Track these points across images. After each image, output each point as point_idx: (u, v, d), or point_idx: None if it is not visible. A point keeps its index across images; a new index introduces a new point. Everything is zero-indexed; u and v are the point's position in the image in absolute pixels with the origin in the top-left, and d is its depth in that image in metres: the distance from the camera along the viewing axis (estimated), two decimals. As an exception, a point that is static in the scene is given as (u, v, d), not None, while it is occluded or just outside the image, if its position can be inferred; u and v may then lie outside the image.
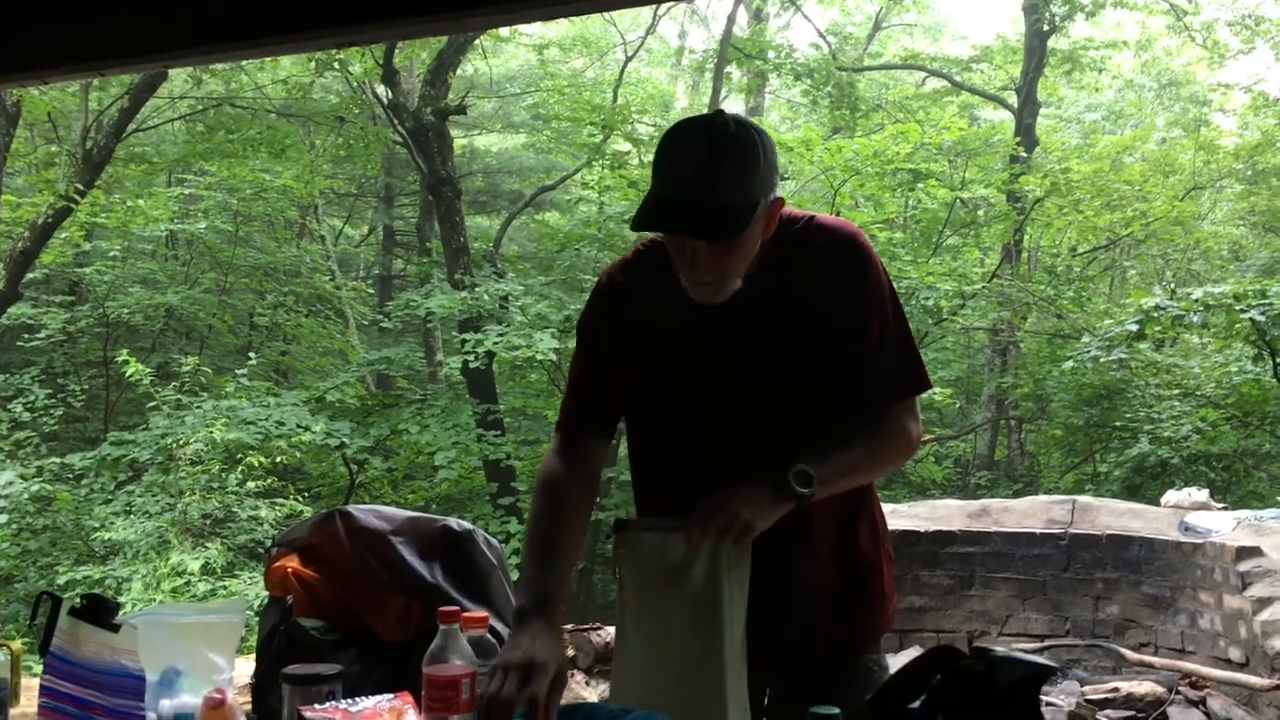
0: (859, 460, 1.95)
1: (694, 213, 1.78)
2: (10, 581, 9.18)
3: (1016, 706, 1.10)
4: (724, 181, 1.77)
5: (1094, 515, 5.69)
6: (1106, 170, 13.17)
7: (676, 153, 1.81)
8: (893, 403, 1.97)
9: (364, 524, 2.36)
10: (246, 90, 12.57)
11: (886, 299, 1.97)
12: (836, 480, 1.89)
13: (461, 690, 1.72)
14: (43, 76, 2.93)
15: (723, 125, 1.81)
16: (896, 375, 1.97)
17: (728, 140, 1.79)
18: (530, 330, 10.31)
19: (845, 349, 1.92)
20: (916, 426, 2.01)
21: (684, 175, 1.79)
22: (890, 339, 1.96)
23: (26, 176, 12.41)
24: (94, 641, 1.56)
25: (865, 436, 1.95)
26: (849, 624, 2.01)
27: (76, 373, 12.55)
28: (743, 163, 1.79)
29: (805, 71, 14.65)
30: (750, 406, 1.95)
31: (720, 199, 1.77)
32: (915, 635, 5.59)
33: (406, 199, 16.67)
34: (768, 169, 1.82)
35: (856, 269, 1.95)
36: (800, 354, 1.93)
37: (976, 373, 14.82)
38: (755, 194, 1.80)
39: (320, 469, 11.67)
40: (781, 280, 1.94)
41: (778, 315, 1.93)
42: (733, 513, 1.78)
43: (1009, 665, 1.10)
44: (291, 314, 14.00)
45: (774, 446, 1.88)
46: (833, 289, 1.93)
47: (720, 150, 1.78)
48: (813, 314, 1.93)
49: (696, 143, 1.80)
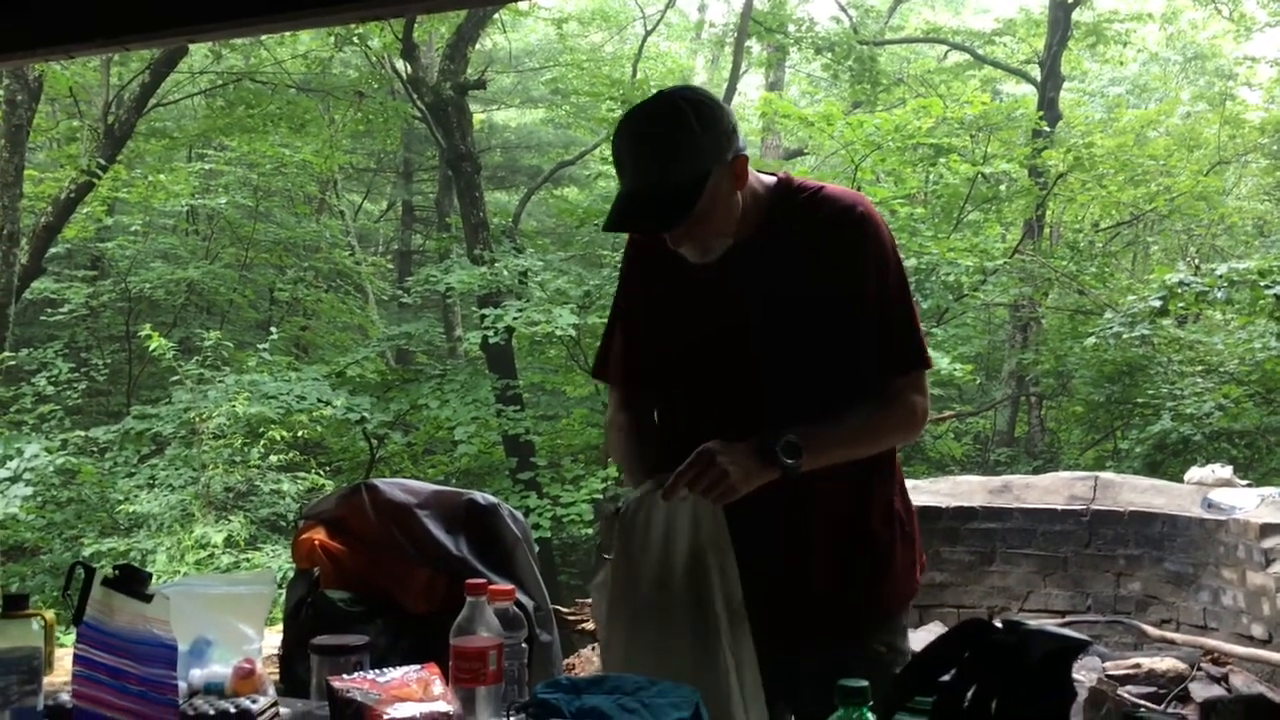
0: (855, 432, 1.94)
1: (644, 206, 1.85)
2: (36, 553, 9.29)
3: (1049, 680, 1.10)
4: (662, 167, 1.83)
5: (1116, 492, 5.67)
6: (1130, 145, 13.04)
7: (619, 149, 1.88)
8: (894, 376, 1.97)
9: (390, 497, 2.37)
10: (266, 65, 12.56)
11: (889, 270, 1.97)
12: (829, 451, 1.89)
13: (489, 661, 1.73)
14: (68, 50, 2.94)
15: (656, 112, 1.86)
16: (895, 348, 1.97)
17: (657, 127, 1.84)
18: (549, 306, 10.31)
19: (839, 316, 1.93)
20: (923, 400, 2.00)
21: (628, 168, 1.86)
22: (890, 310, 1.96)
23: (48, 151, 12.46)
24: (127, 611, 1.57)
25: (864, 408, 1.95)
26: (846, 596, 1.98)
27: (99, 347, 12.64)
28: (675, 142, 1.83)
29: (826, 45, 14.54)
30: (745, 369, 1.96)
31: (663, 185, 1.83)
32: (935, 611, 5.59)
33: (425, 174, 16.66)
34: (710, 136, 1.85)
35: (855, 237, 1.95)
36: (794, 319, 1.94)
37: (997, 349, 14.75)
38: (699, 167, 1.84)
39: (341, 443, 11.73)
40: (781, 246, 1.96)
41: (774, 280, 1.95)
42: (721, 470, 1.78)
43: (1041, 638, 1.09)
44: (311, 289, 14.06)
45: (770, 411, 1.89)
46: (830, 256, 1.94)
47: (651, 140, 1.84)
48: (809, 280, 1.94)
49: (635, 134, 1.87)
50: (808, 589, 1.97)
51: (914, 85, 15.09)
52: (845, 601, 1.98)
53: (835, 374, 1.94)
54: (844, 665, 1.50)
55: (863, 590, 2.00)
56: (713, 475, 1.78)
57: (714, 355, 1.98)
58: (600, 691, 1.69)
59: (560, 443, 12.10)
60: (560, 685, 1.71)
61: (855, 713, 1.34)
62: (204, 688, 1.88)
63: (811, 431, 1.85)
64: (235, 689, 1.87)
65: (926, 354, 2.01)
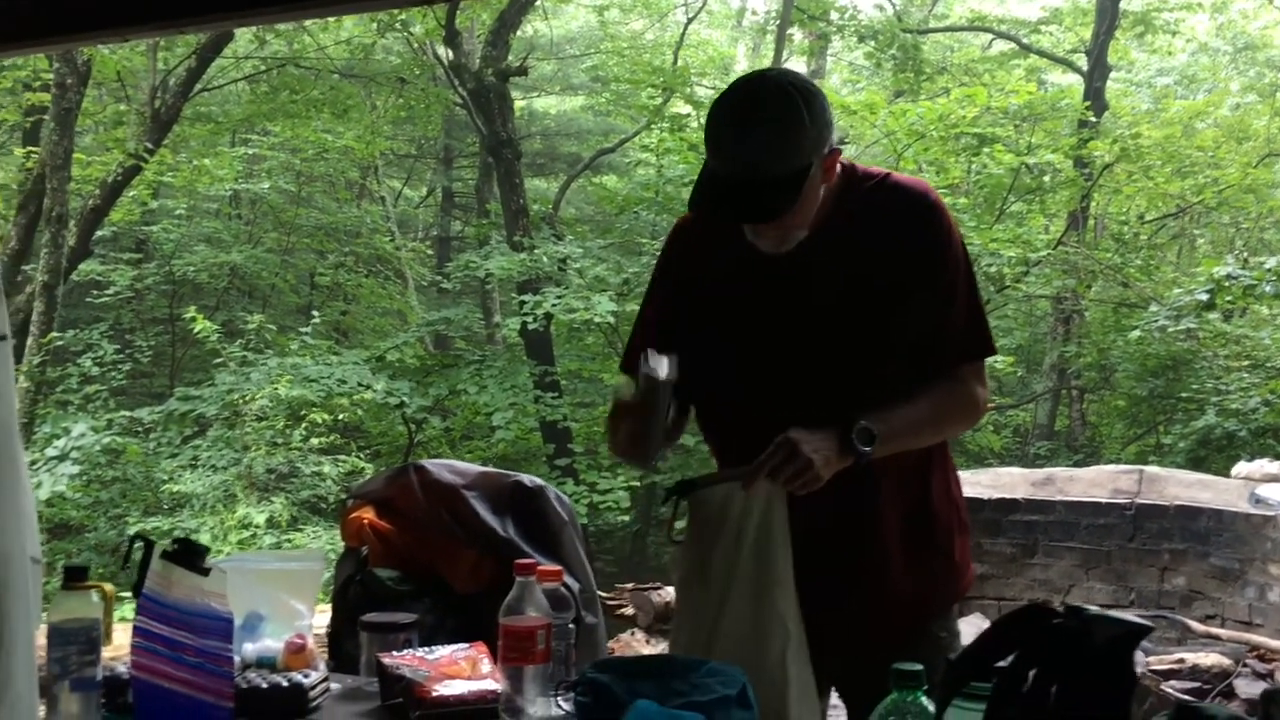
0: (922, 419, 1.93)
1: (744, 195, 1.80)
2: (82, 531, 9.44)
3: (1112, 665, 1.09)
4: (770, 158, 1.78)
5: (1162, 486, 5.61)
6: (1178, 136, 12.85)
7: (722, 129, 1.82)
8: (959, 364, 1.96)
9: (437, 478, 2.39)
10: (309, 51, 12.63)
11: (958, 260, 1.96)
12: (898, 438, 1.88)
13: (537, 641, 1.74)
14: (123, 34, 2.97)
15: (764, 96, 1.80)
16: (963, 337, 1.96)
17: (769, 112, 1.78)
18: (588, 293, 10.33)
19: (909, 306, 1.91)
20: (983, 391, 2.00)
21: (729, 154, 1.81)
22: (959, 300, 1.95)
23: (95, 135, 12.61)
24: (185, 584, 1.59)
25: (930, 396, 1.93)
26: (916, 588, 1.98)
27: (143, 329, 12.79)
28: (786, 134, 1.78)
29: (869, 33, 14.41)
30: (810, 358, 1.94)
31: (767, 175, 1.78)
32: (976, 603, 5.56)
33: (466, 160, 16.70)
34: (817, 128, 1.80)
35: (926, 226, 1.94)
36: (862, 308, 1.91)
37: (1038, 341, 14.61)
38: (803, 159, 1.80)
39: (380, 427, 11.81)
40: (850, 235, 1.94)
41: (844, 269, 1.93)
42: (805, 460, 1.76)
43: (1104, 623, 1.08)
44: (352, 274, 14.15)
45: (835, 400, 1.87)
46: (901, 245, 1.92)
47: (763, 124, 1.78)
48: (879, 269, 1.92)
49: (740, 118, 1.81)
50: (878, 579, 1.96)
51: (958, 74, 14.94)
52: (912, 590, 1.98)
53: (901, 362, 1.93)
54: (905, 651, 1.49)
55: (931, 579, 2.00)
56: (797, 465, 1.76)
57: (778, 343, 1.96)
58: (648, 671, 1.70)
59: (597, 430, 12.10)
60: (609, 665, 1.72)
61: (909, 696, 1.34)
62: (256, 661, 1.91)
63: (883, 418, 1.84)
64: (287, 663, 1.90)
65: (992, 341, 2.01)
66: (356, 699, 1.91)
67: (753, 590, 1.82)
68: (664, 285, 2.14)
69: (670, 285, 2.12)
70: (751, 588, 1.82)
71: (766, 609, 1.82)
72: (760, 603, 1.82)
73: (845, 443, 1.80)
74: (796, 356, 1.95)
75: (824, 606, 1.87)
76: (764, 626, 1.81)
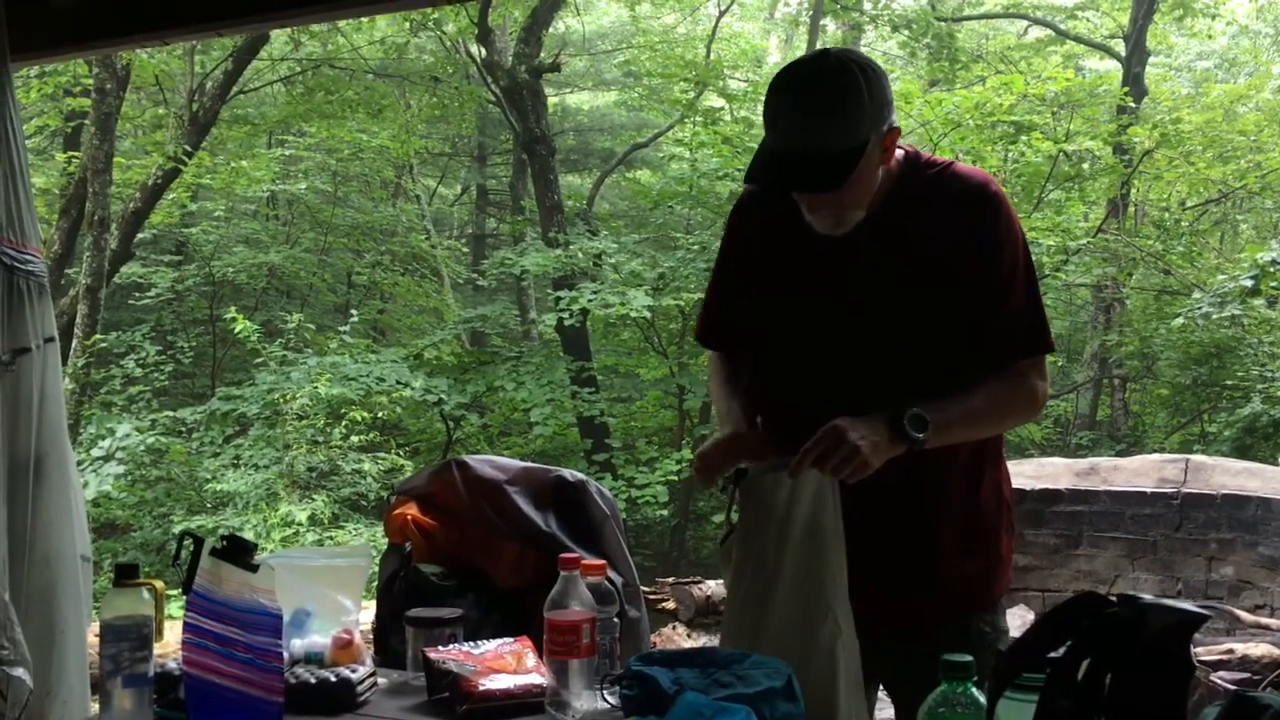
0: (979, 411, 1.91)
1: (799, 167, 1.80)
2: (128, 530, 9.56)
3: (1167, 654, 1.07)
4: (826, 131, 1.78)
5: (1208, 474, 5.54)
6: (1219, 120, 12.64)
7: (781, 103, 1.83)
8: (1017, 358, 1.94)
9: (480, 473, 2.40)
10: (344, 52, 12.71)
11: (1015, 253, 1.93)
12: (953, 429, 1.86)
13: (582, 634, 1.75)
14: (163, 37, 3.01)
15: (824, 71, 1.81)
16: (1020, 330, 1.94)
17: (828, 86, 1.79)
18: (624, 288, 10.32)
19: (962, 294, 1.90)
20: (1043, 385, 1.98)
21: (786, 127, 1.81)
22: (1017, 293, 1.93)
23: (135, 139, 12.75)
24: (234, 581, 1.61)
25: (987, 388, 1.91)
26: (965, 582, 1.97)
27: (184, 330, 12.93)
28: (844, 107, 1.78)
29: (903, 22, 14.30)
30: (864, 343, 1.93)
31: (823, 149, 1.78)
32: (1020, 595, 5.51)
33: (500, 158, 16.75)
34: (875, 105, 1.80)
35: (983, 216, 1.92)
36: (919, 296, 1.90)
37: (1079, 330, 14.45)
38: (861, 135, 1.79)
39: (418, 425, 11.88)
40: (909, 222, 1.93)
41: (901, 255, 1.92)
42: (852, 447, 1.75)
43: (1159, 611, 1.07)
44: (388, 273, 14.23)
45: (889, 387, 1.86)
46: (957, 233, 1.91)
47: (821, 98, 1.79)
48: (937, 257, 1.91)
49: (799, 91, 1.81)
50: (929, 572, 1.96)
51: (993, 62, 14.79)
52: (964, 582, 1.97)
53: (957, 352, 1.91)
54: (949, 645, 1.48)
55: (980, 571, 2.00)
56: (843, 453, 1.75)
57: (835, 327, 1.96)
58: (694, 664, 1.70)
59: (635, 425, 12.12)
60: (654, 658, 1.72)
61: (960, 687, 1.33)
62: (304, 657, 1.92)
63: (938, 407, 1.83)
64: (334, 658, 1.91)
65: (1050, 338, 1.97)
66: (404, 693, 1.92)
67: (802, 581, 1.82)
68: (726, 264, 2.16)
69: (732, 264, 2.14)
70: (801, 578, 1.82)
71: (816, 600, 1.81)
72: (810, 593, 1.81)
73: (896, 430, 1.79)
74: (850, 340, 1.94)
75: (872, 597, 1.86)
76: (813, 618, 1.80)
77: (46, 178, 11.94)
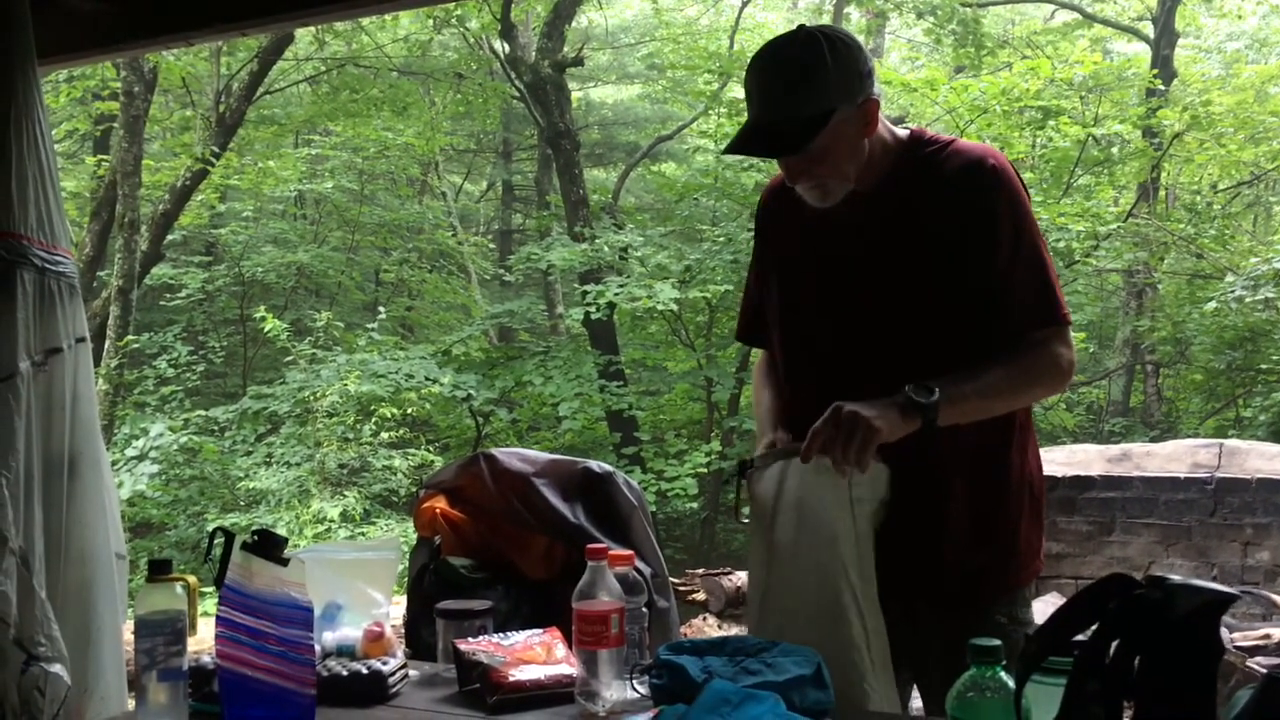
0: (996, 380, 1.88)
1: (767, 134, 1.87)
2: (162, 529, 9.66)
3: (1196, 634, 1.07)
4: (792, 98, 1.84)
5: (1243, 459, 5.48)
6: (1250, 102, 12.48)
7: (750, 78, 1.91)
8: (1033, 330, 1.91)
9: (507, 466, 2.41)
10: (368, 50, 12.77)
11: (1023, 223, 1.92)
12: (968, 400, 1.84)
13: (610, 624, 1.75)
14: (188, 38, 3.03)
15: (792, 42, 1.87)
16: (1029, 300, 1.91)
17: (793, 57, 1.85)
18: (650, 281, 10.32)
19: (970, 267, 1.89)
20: (1068, 353, 1.94)
21: (757, 97, 1.88)
22: (1022, 264, 1.91)
23: (163, 141, 12.86)
24: (265, 575, 1.62)
25: (1003, 360, 1.89)
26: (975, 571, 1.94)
27: (215, 330, 13.05)
28: (807, 76, 1.83)
29: (928, 9, 14.17)
30: (876, 324, 1.93)
31: (790, 117, 1.84)
32: (1053, 582, 5.48)
33: (525, 153, 16.79)
34: (842, 74, 1.85)
35: (980, 186, 1.91)
36: (923, 272, 1.90)
37: (1110, 316, 14.32)
38: (826, 102, 1.83)
39: (447, 421, 11.94)
40: (906, 195, 1.94)
41: (903, 232, 1.93)
42: (866, 425, 1.73)
43: (1188, 592, 1.06)
44: (416, 270, 14.30)
45: (903, 367, 1.85)
46: (959, 207, 1.91)
47: (787, 68, 1.85)
48: (937, 232, 1.91)
49: (768, 63, 1.88)
50: (938, 554, 1.94)
51: (1019, 47, 14.67)
52: (971, 569, 1.94)
53: (967, 328, 1.90)
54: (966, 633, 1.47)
55: (989, 559, 1.96)
56: (848, 427, 1.74)
57: (845, 308, 1.96)
58: (723, 653, 1.71)
59: (663, 418, 12.13)
60: (683, 647, 1.73)
61: (988, 672, 1.33)
62: (336, 650, 1.94)
63: (950, 382, 1.82)
64: (366, 651, 1.93)
65: (1064, 308, 1.93)
66: (435, 685, 1.93)
67: (822, 567, 1.81)
68: (757, 250, 2.22)
69: (760, 249, 2.20)
70: (819, 565, 1.81)
71: (837, 587, 1.80)
72: (829, 580, 1.81)
73: (907, 405, 1.78)
74: (861, 320, 1.95)
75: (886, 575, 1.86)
76: (836, 605, 1.80)
77: (77, 181, 12.08)
